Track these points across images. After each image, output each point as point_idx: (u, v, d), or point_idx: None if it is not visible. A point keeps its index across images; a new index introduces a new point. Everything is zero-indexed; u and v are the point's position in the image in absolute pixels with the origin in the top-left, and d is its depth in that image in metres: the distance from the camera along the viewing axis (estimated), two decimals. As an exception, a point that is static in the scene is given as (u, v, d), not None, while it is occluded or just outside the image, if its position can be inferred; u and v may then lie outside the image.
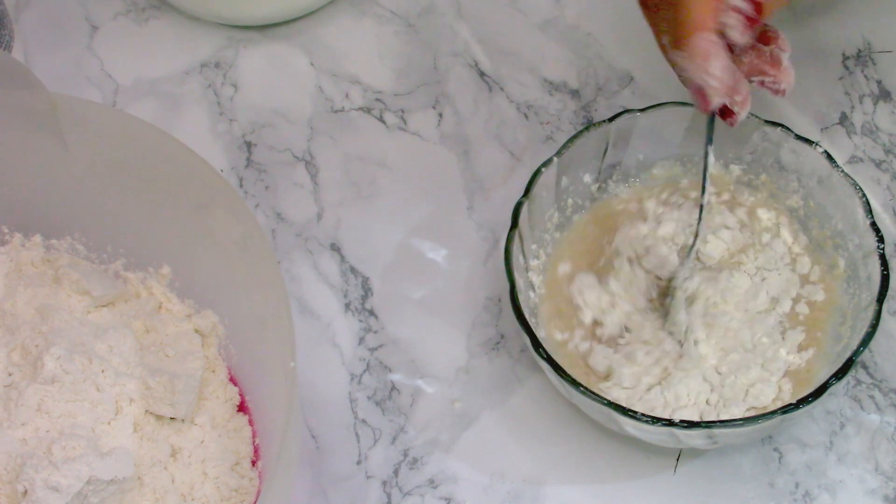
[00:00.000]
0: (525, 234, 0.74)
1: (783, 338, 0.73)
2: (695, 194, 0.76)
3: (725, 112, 0.69)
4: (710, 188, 0.72)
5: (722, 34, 0.66)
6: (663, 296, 0.74)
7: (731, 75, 0.67)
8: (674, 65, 0.68)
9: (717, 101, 0.67)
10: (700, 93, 0.67)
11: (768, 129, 0.75)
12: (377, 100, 0.88)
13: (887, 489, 0.72)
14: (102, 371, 0.69)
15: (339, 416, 0.76)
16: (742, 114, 0.69)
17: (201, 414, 0.71)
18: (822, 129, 0.84)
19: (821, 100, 0.85)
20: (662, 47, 0.69)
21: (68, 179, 0.73)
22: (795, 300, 0.74)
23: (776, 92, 0.71)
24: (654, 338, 0.73)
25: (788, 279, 0.75)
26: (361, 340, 0.78)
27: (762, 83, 0.70)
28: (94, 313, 0.74)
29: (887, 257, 0.70)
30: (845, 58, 0.87)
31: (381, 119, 0.87)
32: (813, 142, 0.74)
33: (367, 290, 0.80)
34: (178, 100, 0.88)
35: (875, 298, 0.69)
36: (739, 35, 0.67)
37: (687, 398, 0.71)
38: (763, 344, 0.72)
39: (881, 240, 0.71)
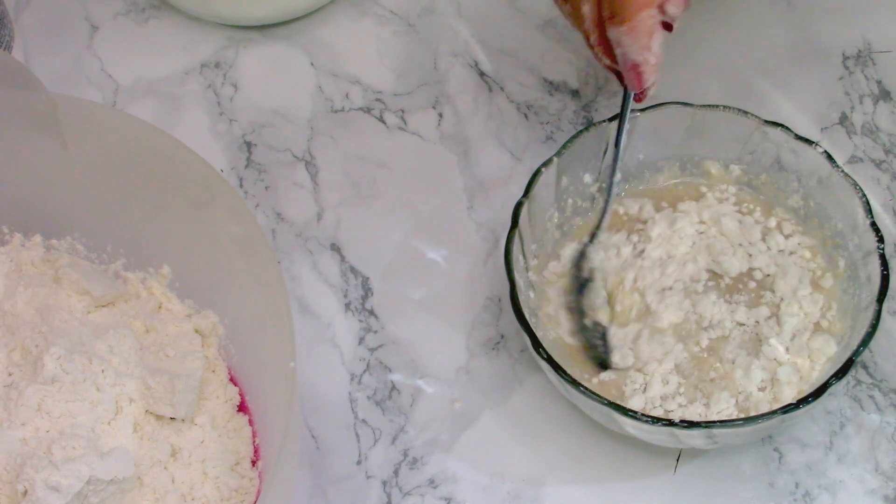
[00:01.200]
0: (525, 234, 0.74)
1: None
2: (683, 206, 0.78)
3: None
4: (617, 175, 0.73)
5: (661, 9, 0.66)
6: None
7: (662, 52, 0.67)
8: (604, 45, 0.68)
9: (651, 79, 0.68)
10: (635, 70, 0.67)
11: (768, 129, 0.75)
12: (377, 100, 0.88)
13: (887, 489, 0.72)
14: (102, 371, 0.69)
15: (339, 416, 0.76)
16: (653, 90, 0.69)
17: (201, 414, 0.71)
18: (822, 129, 0.84)
19: (821, 100, 0.85)
20: (586, 33, 0.69)
21: (68, 179, 0.73)
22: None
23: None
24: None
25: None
26: (361, 340, 0.78)
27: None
28: (94, 313, 0.74)
29: (887, 257, 0.70)
30: (845, 58, 0.87)
31: (381, 119, 0.87)
32: (813, 142, 0.74)
33: (367, 290, 0.80)
34: (178, 100, 0.88)
35: (875, 298, 0.69)
36: (678, 9, 0.67)
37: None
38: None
39: (881, 240, 0.71)
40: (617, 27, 0.67)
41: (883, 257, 0.70)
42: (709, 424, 0.66)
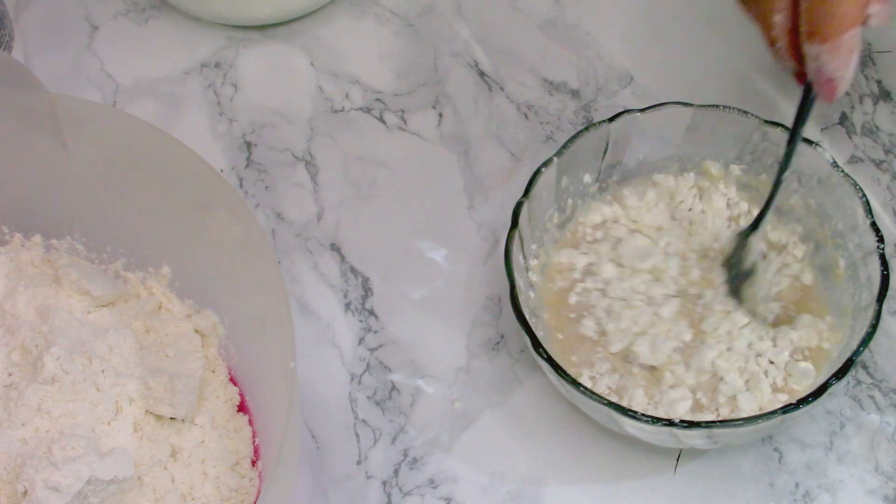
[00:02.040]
0: (525, 234, 0.74)
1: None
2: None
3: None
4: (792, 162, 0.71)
5: (864, 23, 0.65)
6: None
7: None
8: (794, 54, 0.67)
9: (842, 90, 0.66)
10: (830, 84, 0.66)
11: (768, 129, 0.75)
12: (377, 100, 0.88)
13: (887, 489, 0.72)
14: (102, 371, 0.69)
15: (339, 416, 0.76)
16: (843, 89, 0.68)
17: (201, 414, 0.71)
18: (822, 129, 0.84)
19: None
20: (772, 38, 0.68)
21: (68, 179, 0.73)
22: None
23: None
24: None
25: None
26: (361, 340, 0.78)
27: None
28: (94, 313, 0.74)
29: (887, 257, 0.70)
30: (845, 58, 0.87)
31: (381, 119, 0.87)
32: (813, 142, 0.74)
33: (367, 290, 0.80)
34: (178, 100, 0.88)
35: (875, 298, 0.69)
36: (881, 21, 0.65)
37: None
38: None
39: (881, 240, 0.71)
40: (817, 45, 0.65)
41: (883, 257, 0.70)
42: (709, 424, 0.66)
